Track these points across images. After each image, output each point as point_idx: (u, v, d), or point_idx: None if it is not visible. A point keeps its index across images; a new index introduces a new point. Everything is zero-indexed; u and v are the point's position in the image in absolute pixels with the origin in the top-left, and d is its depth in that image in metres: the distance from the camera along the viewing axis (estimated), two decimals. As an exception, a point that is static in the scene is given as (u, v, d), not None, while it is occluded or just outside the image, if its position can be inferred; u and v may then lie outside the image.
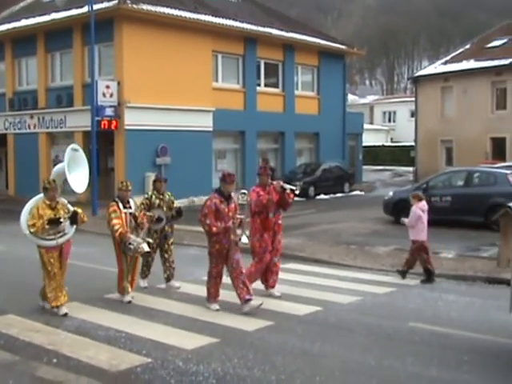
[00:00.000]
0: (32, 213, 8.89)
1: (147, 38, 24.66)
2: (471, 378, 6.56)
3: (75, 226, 9.16)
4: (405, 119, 60.05)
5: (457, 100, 34.88)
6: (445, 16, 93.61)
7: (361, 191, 31.51)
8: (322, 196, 28.64)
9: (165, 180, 11.01)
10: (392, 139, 61.51)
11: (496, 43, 35.77)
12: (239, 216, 9.30)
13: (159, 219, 10.55)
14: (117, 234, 9.56)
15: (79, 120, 24.93)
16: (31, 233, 8.88)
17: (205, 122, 26.77)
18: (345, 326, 8.52)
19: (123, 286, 9.77)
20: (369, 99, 71.06)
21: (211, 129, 27.10)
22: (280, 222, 10.36)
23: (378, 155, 53.65)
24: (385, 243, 15.37)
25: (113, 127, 23.95)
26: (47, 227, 8.81)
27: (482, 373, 6.75)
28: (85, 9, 23.19)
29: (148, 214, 10.40)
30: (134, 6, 23.87)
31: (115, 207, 9.75)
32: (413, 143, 39.35)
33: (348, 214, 21.94)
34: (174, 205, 10.87)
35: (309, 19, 68.16)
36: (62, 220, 8.91)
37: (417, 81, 38.19)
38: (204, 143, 26.84)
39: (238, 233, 9.25)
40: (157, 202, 10.68)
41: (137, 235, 9.83)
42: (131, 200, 10.02)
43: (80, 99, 25.64)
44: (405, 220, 11.95)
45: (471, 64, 34.73)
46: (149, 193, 10.98)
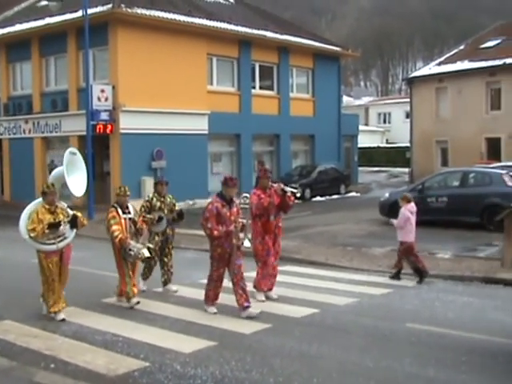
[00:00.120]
0: (31, 217, 8.81)
1: (142, 42, 24.65)
2: (469, 379, 6.58)
3: (75, 230, 9.11)
4: (400, 120, 60.16)
5: (451, 101, 34.94)
6: (439, 18, 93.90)
7: (357, 193, 31.53)
8: (318, 198, 28.65)
9: (166, 183, 10.96)
10: (387, 140, 61.62)
11: (490, 44, 35.86)
12: (241, 220, 9.25)
13: (160, 218, 10.51)
14: (117, 241, 9.49)
15: (74, 124, 24.87)
16: (31, 237, 8.80)
17: (200, 125, 26.77)
18: (342, 328, 8.53)
19: (127, 291, 9.68)
20: (364, 101, 71.23)
21: (206, 132, 27.10)
22: (280, 225, 10.37)
23: (374, 156, 53.70)
24: (381, 244, 15.38)
25: (108, 131, 23.92)
26: (47, 231, 8.75)
27: (480, 373, 6.76)
28: (79, 13, 23.16)
29: (148, 217, 10.37)
30: (129, 10, 23.87)
31: (114, 213, 9.67)
32: (408, 144, 39.40)
33: (344, 216, 21.95)
34: (176, 207, 10.86)
35: (303, 21, 68.22)
36: (62, 224, 8.86)
37: (411, 82, 38.25)
38: (199, 146, 26.84)
39: (241, 237, 9.20)
40: (158, 205, 10.64)
41: (137, 241, 9.78)
42: (130, 205, 9.96)
43: (75, 103, 25.61)
44: (393, 221, 12.03)
45: (465, 65, 34.79)
46: (150, 195, 10.97)
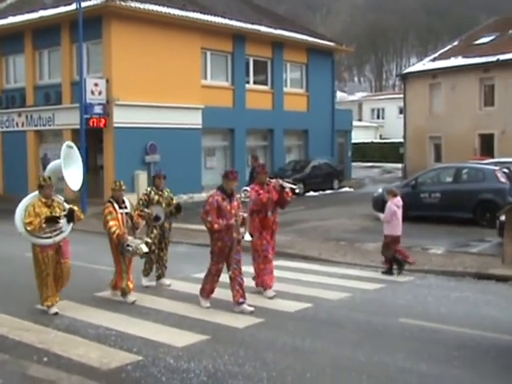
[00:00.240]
0: (28, 210, 8.69)
1: (136, 36, 24.57)
2: (461, 373, 6.60)
3: (72, 224, 9.04)
4: (393, 116, 60.23)
5: (445, 97, 34.98)
6: (432, 14, 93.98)
7: (350, 188, 31.56)
8: (312, 193, 28.67)
9: (164, 176, 10.93)
10: (381, 136, 61.71)
11: (484, 40, 35.90)
12: (242, 213, 9.20)
13: (157, 218, 10.50)
14: (114, 236, 9.40)
15: (68, 118, 24.80)
16: (27, 231, 8.69)
17: (194, 120, 26.74)
18: (335, 323, 8.54)
19: (123, 287, 9.63)
20: (357, 96, 71.29)
21: (200, 126, 27.06)
22: (277, 221, 10.34)
23: (367, 152, 53.78)
24: (374, 239, 15.34)
25: (101, 125, 23.84)
26: (44, 225, 8.66)
27: (472, 368, 6.79)
28: (73, 6, 23.07)
29: (146, 211, 10.34)
30: (123, 4, 23.78)
31: (111, 208, 9.57)
32: (401, 140, 39.47)
33: (337, 211, 21.97)
34: (173, 201, 10.84)
35: (297, 16, 68.20)
36: (61, 219, 8.79)
37: (405, 78, 38.29)
38: (193, 141, 26.80)
39: (241, 231, 9.16)
40: (156, 198, 10.62)
41: (134, 235, 9.70)
42: (126, 199, 9.90)
43: (68, 97, 25.52)
44: (380, 215, 12.10)
45: (459, 61, 34.83)
46: (148, 189, 10.96)
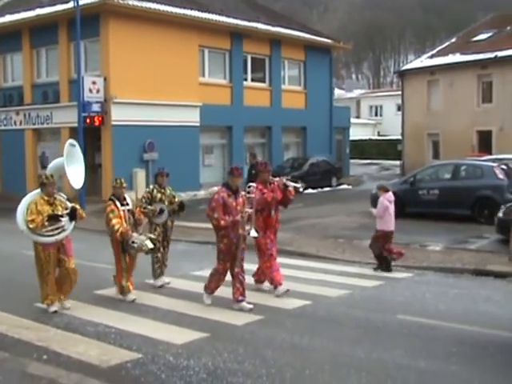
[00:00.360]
0: (30, 208, 8.65)
1: (133, 34, 24.55)
2: (459, 370, 6.62)
3: (74, 222, 9.01)
4: (391, 113, 60.20)
5: (443, 93, 34.97)
6: (429, 11, 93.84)
7: (348, 185, 31.56)
8: (310, 190, 28.67)
9: (167, 174, 10.90)
10: (379, 133, 61.69)
11: (482, 37, 35.88)
12: (248, 210, 9.18)
13: (161, 211, 10.48)
14: (118, 234, 9.34)
15: (66, 116, 24.79)
16: (29, 229, 8.65)
17: (192, 117, 26.73)
18: (334, 320, 8.56)
19: (123, 286, 9.62)
20: (355, 93, 71.19)
21: (198, 124, 27.05)
22: (279, 219, 10.31)
23: (365, 149, 53.76)
24: (373, 237, 15.40)
25: (100, 123, 23.86)
26: (47, 223, 8.62)
27: (470, 364, 6.81)
28: (70, 4, 23.05)
29: (150, 208, 10.33)
30: (120, 1, 23.76)
31: (113, 206, 9.52)
32: (399, 137, 39.44)
33: (336, 208, 21.99)
34: (176, 199, 10.84)
35: (294, 13, 67.99)
36: (64, 218, 8.75)
37: (403, 75, 38.26)
38: (191, 138, 26.80)
39: (247, 227, 9.15)
40: (158, 196, 10.60)
41: (136, 232, 9.67)
42: (127, 196, 9.88)
43: (66, 95, 25.51)
44: (373, 210, 12.20)
45: (457, 58, 34.80)
46: (151, 186, 10.97)
